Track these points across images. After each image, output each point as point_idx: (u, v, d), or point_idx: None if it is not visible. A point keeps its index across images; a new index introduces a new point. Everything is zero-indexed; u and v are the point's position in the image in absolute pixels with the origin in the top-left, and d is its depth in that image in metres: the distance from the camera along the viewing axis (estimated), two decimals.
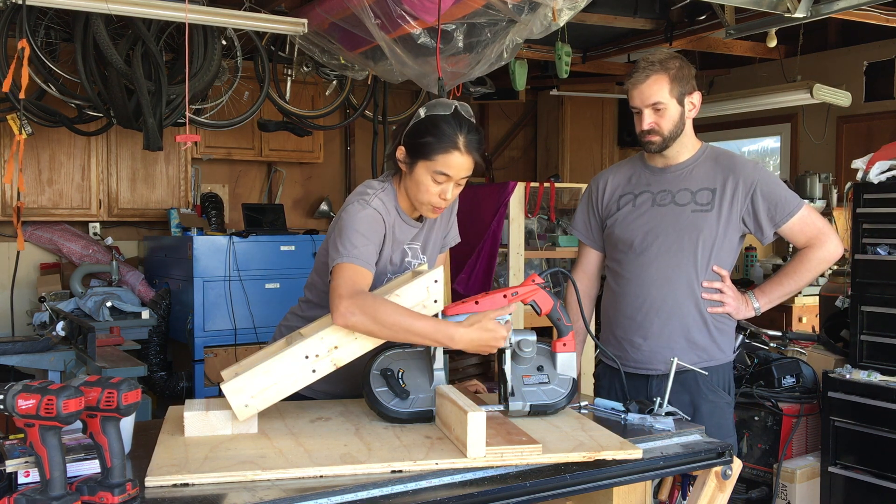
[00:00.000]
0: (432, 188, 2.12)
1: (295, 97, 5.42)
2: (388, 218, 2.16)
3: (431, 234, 2.34)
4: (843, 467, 3.29)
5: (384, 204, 2.16)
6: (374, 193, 2.16)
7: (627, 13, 5.08)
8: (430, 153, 2.09)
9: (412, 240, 2.27)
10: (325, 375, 1.93)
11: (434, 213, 2.19)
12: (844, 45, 6.17)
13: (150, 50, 4.18)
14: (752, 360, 3.67)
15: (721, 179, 2.46)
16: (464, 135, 2.09)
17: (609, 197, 2.62)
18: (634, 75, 2.44)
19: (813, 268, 2.49)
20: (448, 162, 2.08)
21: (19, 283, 5.27)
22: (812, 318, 5.20)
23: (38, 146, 5.28)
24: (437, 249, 2.40)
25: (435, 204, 2.15)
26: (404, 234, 2.24)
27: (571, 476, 1.75)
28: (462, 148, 2.08)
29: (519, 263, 4.37)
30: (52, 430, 1.44)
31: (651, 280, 2.47)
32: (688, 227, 2.44)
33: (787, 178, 6.00)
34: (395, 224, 2.19)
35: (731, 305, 2.47)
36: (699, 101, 2.52)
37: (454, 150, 2.08)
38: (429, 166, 2.10)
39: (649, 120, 2.43)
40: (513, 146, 7.86)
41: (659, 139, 2.45)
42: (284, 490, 1.57)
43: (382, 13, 3.85)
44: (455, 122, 2.09)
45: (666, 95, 2.41)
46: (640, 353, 2.48)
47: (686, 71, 2.46)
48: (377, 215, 2.12)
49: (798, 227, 2.45)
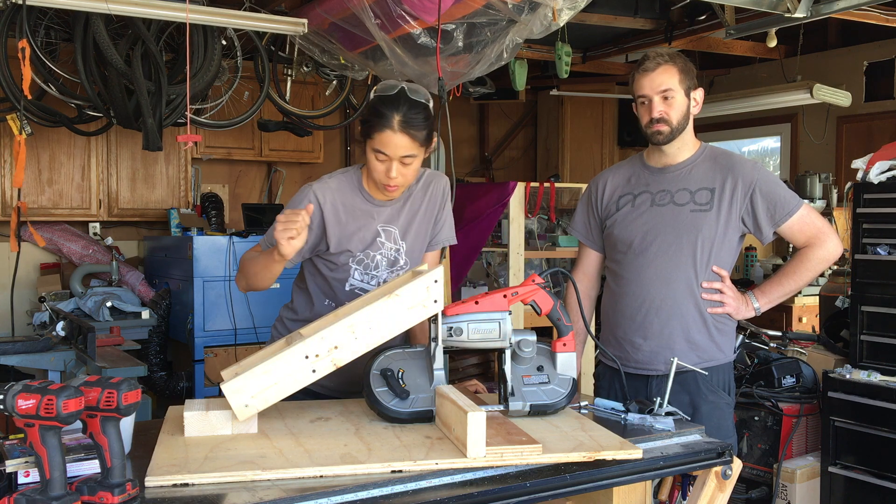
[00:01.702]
0: (377, 167, 2.21)
1: (295, 97, 5.41)
2: (336, 196, 2.28)
3: (413, 222, 2.37)
4: (843, 467, 3.29)
5: (340, 184, 2.30)
6: (330, 176, 2.33)
7: (627, 13, 5.09)
8: (370, 131, 2.19)
9: (387, 221, 2.33)
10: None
11: (386, 192, 2.27)
12: (844, 45, 6.17)
13: (150, 50, 4.17)
14: (752, 360, 3.67)
15: (720, 179, 2.46)
16: (401, 114, 2.14)
17: (609, 197, 2.62)
18: (645, 63, 2.45)
19: (813, 267, 2.49)
20: (383, 140, 2.17)
21: (19, 283, 5.27)
22: (812, 318, 5.20)
23: (38, 146, 5.28)
24: (423, 242, 2.42)
25: (383, 182, 2.23)
26: (372, 213, 2.31)
27: (571, 476, 1.74)
28: (395, 126, 2.14)
29: (519, 263, 4.37)
30: (52, 430, 1.44)
31: (650, 280, 2.46)
32: (687, 227, 2.44)
33: (787, 178, 6.00)
34: (352, 202, 2.30)
35: (731, 306, 2.47)
36: (702, 99, 2.53)
37: (387, 128, 2.15)
38: (370, 145, 2.21)
39: (660, 108, 2.43)
40: (513, 146, 7.86)
41: (667, 129, 2.45)
42: (284, 490, 1.57)
43: (382, 13, 3.85)
44: (395, 101, 2.16)
45: (676, 84, 2.43)
46: (641, 354, 2.48)
47: (691, 67, 2.49)
48: (309, 198, 2.25)
49: (797, 226, 2.45)
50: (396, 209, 2.35)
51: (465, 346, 2.02)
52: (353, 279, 2.33)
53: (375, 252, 2.32)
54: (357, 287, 2.33)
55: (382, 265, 2.34)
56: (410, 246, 2.38)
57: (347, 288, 2.33)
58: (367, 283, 2.33)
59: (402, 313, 1.94)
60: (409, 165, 2.21)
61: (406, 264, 2.37)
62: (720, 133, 7.08)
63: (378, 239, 2.32)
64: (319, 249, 2.32)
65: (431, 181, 2.43)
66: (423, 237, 2.42)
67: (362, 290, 2.32)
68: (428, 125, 2.20)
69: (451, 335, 2.00)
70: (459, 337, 2.00)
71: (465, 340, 2.00)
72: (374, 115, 2.17)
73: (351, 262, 2.30)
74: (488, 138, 7.72)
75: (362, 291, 2.31)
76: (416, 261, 2.41)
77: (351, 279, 2.33)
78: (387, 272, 2.35)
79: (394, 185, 2.23)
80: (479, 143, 7.77)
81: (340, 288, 2.33)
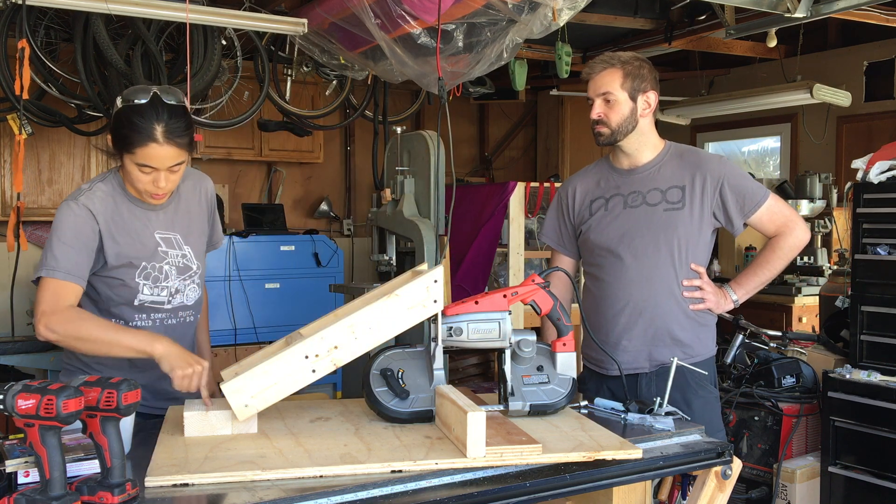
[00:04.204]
0: (142, 178, 2.08)
1: (295, 97, 5.41)
2: (107, 207, 2.12)
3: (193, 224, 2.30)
4: (843, 467, 3.29)
5: (105, 194, 2.13)
6: (89, 186, 2.14)
7: (627, 13, 5.08)
8: (130, 146, 2.03)
9: (165, 228, 2.22)
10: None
11: (154, 199, 2.15)
12: (844, 45, 6.17)
13: (150, 50, 4.17)
14: (752, 360, 3.67)
15: (689, 176, 2.49)
16: (162, 124, 2.01)
17: (580, 203, 2.64)
18: (590, 65, 2.53)
19: (785, 255, 2.52)
20: (148, 154, 2.03)
21: (19, 283, 5.26)
22: (812, 318, 5.20)
23: (38, 146, 5.27)
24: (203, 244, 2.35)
25: (151, 192, 2.11)
26: (144, 219, 2.19)
27: (571, 476, 1.75)
28: (160, 139, 2.01)
29: (519, 263, 4.37)
30: (51, 430, 1.44)
31: (631, 282, 2.48)
32: (662, 227, 2.47)
33: (787, 178, 6.00)
34: (122, 211, 2.15)
35: (711, 301, 2.50)
36: (655, 101, 2.55)
37: (151, 142, 2.01)
38: (132, 158, 2.05)
39: (598, 110, 2.50)
40: (513, 146, 7.86)
41: (607, 131, 2.51)
42: (284, 490, 1.57)
43: (382, 13, 3.85)
44: (152, 111, 2.01)
45: (617, 87, 2.47)
46: (626, 354, 2.49)
47: (645, 71, 2.50)
48: (82, 215, 2.08)
49: (766, 216, 2.49)
50: (170, 213, 2.25)
51: (465, 346, 2.02)
52: (142, 295, 2.18)
53: (161, 263, 2.20)
54: (147, 301, 2.20)
55: (172, 274, 2.23)
56: (196, 249, 2.30)
57: (136, 303, 2.19)
58: (157, 294, 2.20)
59: (402, 313, 1.94)
60: (176, 173, 2.11)
61: (198, 269, 2.30)
62: (720, 133, 7.07)
63: (159, 249, 2.20)
64: (94, 268, 2.14)
65: (199, 181, 2.36)
66: (202, 238, 2.35)
67: (154, 302, 2.21)
68: (190, 129, 2.08)
69: (450, 335, 2.00)
70: (459, 337, 2.00)
71: (464, 340, 2.00)
72: (132, 130, 2.01)
73: (138, 277, 2.16)
74: (488, 138, 7.72)
75: (153, 304, 2.21)
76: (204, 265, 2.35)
77: (140, 295, 2.18)
78: (178, 281, 2.24)
79: (162, 192, 2.13)
80: (479, 143, 7.77)
81: (128, 305, 2.19)
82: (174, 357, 1.97)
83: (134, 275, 2.16)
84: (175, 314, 2.26)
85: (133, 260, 2.16)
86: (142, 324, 2.20)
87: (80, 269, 2.07)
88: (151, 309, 2.21)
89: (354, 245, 6.81)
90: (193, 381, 1.96)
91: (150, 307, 2.21)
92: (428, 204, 3.98)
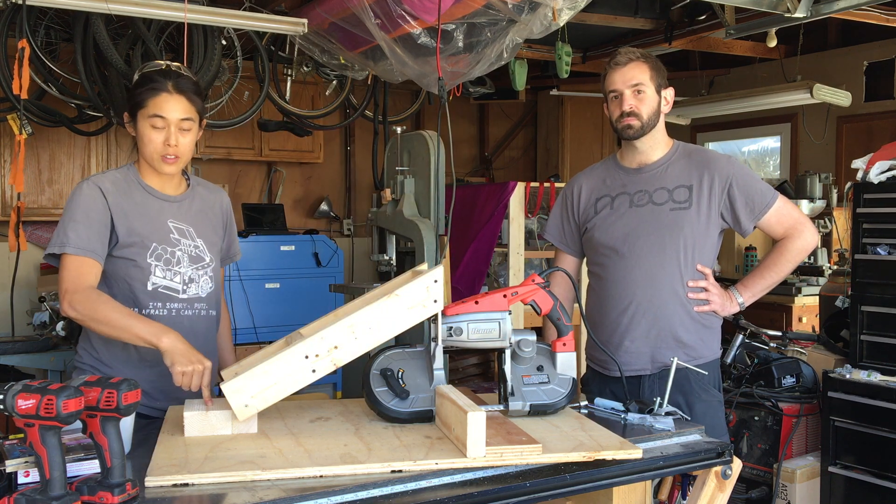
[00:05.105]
0: (154, 138, 2.19)
1: (295, 97, 5.41)
2: (118, 188, 2.22)
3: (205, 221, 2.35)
4: (843, 467, 3.29)
5: (117, 179, 2.24)
6: (106, 172, 2.28)
7: (627, 13, 5.08)
8: (143, 101, 2.18)
9: (177, 218, 2.29)
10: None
11: (167, 163, 2.22)
12: (844, 45, 6.17)
13: (150, 50, 4.17)
14: (752, 360, 3.67)
15: (697, 176, 2.47)
16: (172, 80, 2.20)
17: (586, 201, 2.61)
18: (616, 58, 2.50)
19: (792, 258, 2.50)
20: (159, 104, 2.17)
21: (19, 283, 5.26)
22: (812, 318, 5.20)
23: (38, 146, 5.28)
24: (218, 248, 2.39)
25: (160, 153, 2.20)
26: (157, 206, 2.27)
27: (571, 476, 1.75)
28: (171, 89, 2.18)
29: (519, 263, 4.37)
30: (51, 430, 1.44)
31: (636, 282, 2.46)
32: (669, 226, 2.45)
33: (787, 178, 6.00)
34: (135, 196, 2.24)
35: (716, 303, 2.47)
36: (672, 98, 2.55)
37: (162, 91, 2.18)
38: (144, 114, 2.19)
39: (630, 102, 2.46)
40: (513, 146, 7.86)
41: (638, 123, 2.46)
42: (284, 490, 1.57)
43: (382, 13, 3.85)
44: (164, 72, 2.22)
45: (647, 79, 2.46)
46: (629, 355, 2.47)
47: (662, 67, 2.52)
48: (91, 193, 2.18)
49: (775, 218, 2.47)
50: (184, 208, 2.31)
51: (465, 346, 2.02)
52: (154, 276, 2.22)
53: (174, 248, 2.25)
54: (161, 286, 2.23)
55: (184, 261, 2.27)
56: (209, 244, 2.34)
57: (150, 287, 2.22)
58: (170, 279, 2.24)
59: (402, 313, 1.94)
60: (186, 135, 2.22)
61: (212, 261, 2.33)
62: (720, 133, 7.07)
63: (171, 235, 2.26)
64: (108, 248, 2.20)
65: (215, 191, 2.46)
66: (215, 238, 2.38)
67: (168, 288, 2.24)
68: (199, 91, 2.26)
69: (450, 335, 2.00)
70: (459, 337, 2.00)
71: (464, 340, 2.00)
72: (146, 87, 2.19)
73: (149, 258, 2.21)
74: (488, 138, 7.72)
75: (167, 290, 2.24)
76: (217, 261, 2.37)
77: (153, 277, 2.22)
78: (191, 269, 2.28)
79: (172, 153, 2.20)
80: (479, 143, 7.77)
81: (142, 289, 2.22)
82: (178, 353, 1.98)
83: (146, 255, 2.21)
84: (191, 305, 2.28)
85: (144, 239, 2.21)
86: (157, 312, 2.23)
87: (92, 243, 2.14)
88: (166, 297, 2.24)
89: (354, 245, 6.82)
90: (194, 379, 1.96)
91: (165, 293, 2.24)
92: (428, 204, 3.97)
